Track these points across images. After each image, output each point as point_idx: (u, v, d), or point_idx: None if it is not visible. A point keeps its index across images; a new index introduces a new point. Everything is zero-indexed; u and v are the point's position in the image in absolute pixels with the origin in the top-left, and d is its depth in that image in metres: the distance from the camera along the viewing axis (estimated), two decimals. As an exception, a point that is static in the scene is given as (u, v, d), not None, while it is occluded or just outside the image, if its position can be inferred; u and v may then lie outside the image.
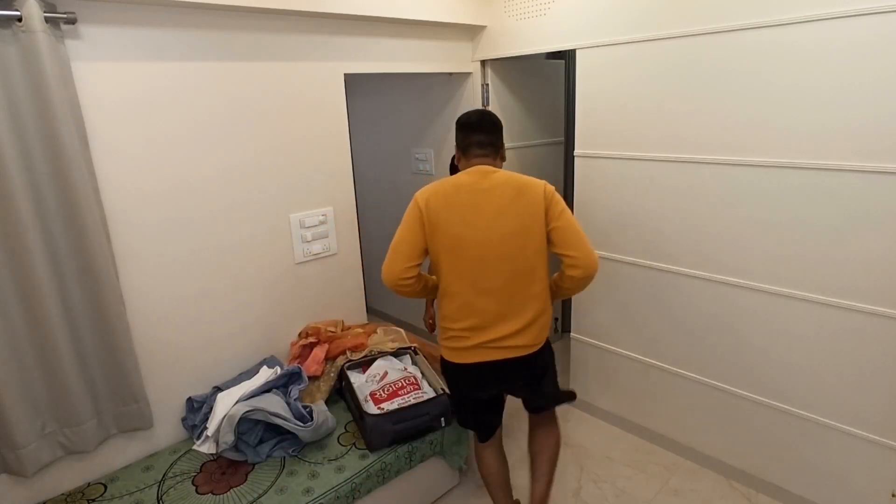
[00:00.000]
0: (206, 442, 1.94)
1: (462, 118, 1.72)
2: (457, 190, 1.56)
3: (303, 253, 2.31)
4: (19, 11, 1.43)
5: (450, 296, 1.60)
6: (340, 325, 2.43)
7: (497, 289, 1.56)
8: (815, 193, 1.76)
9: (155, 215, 1.86)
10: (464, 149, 1.68)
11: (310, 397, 2.13)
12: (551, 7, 2.38)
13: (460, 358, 1.65)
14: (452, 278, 1.58)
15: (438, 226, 1.53)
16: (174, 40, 1.81)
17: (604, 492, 2.22)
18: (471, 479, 2.31)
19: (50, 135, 1.53)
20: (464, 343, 1.61)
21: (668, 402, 2.38)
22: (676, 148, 2.08)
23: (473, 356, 1.62)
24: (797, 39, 1.70)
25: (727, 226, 2.00)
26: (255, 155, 2.09)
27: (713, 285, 2.09)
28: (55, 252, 1.62)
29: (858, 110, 1.62)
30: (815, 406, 1.92)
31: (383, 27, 2.38)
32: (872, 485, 1.84)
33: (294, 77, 2.14)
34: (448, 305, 1.61)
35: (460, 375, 1.71)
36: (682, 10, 1.95)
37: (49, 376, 1.67)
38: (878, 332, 1.72)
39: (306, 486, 1.76)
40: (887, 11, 1.52)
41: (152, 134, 1.81)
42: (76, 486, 1.81)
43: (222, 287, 2.08)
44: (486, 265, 1.55)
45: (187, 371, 2.03)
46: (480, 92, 2.83)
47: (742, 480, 2.20)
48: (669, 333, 2.29)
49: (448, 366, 1.72)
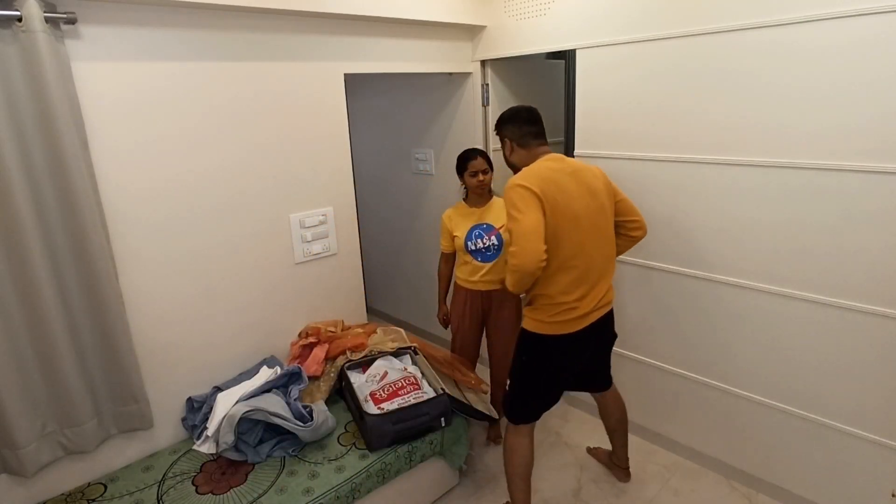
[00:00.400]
0: (206, 442, 1.94)
1: (512, 115, 1.87)
2: (557, 174, 1.72)
3: (303, 253, 2.31)
4: (19, 11, 1.43)
5: (566, 270, 1.72)
6: (340, 325, 2.43)
7: (600, 256, 1.78)
8: (814, 193, 1.76)
9: (155, 215, 1.86)
10: (521, 141, 1.84)
11: (310, 397, 2.13)
12: (551, 7, 2.38)
13: (568, 328, 1.76)
14: (574, 252, 1.71)
15: (557, 207, 1.66)
16: (174, 40, 1.81)
17: (604, 492, 2.22)
18: (471, 479, 2.31)
19: (50, 135, 1.53)
20: (573, 314, 1.74)
21: (668, 403, 2.38)
22: (676, 148, 2.08)
23: (581, 323, 1.77)
24: (797, 39, 1.70)
25: (727, 226, 2.00)
26: (254, 155, 2.09)
27: (712, 285, 2.09)
28: (55, 252, 1.62)
29: (858, 110, 1.62)
30: (815, 406, 1.92)
31: (383, 27, 2.38)
32: (872, 485, 1.84)
33: (294, 77, 2.14)
34: (562, 280, 1.72)
35: (566, 346, 1.80)
36: (682, 10, 1.95)
37: (49, 376, 1.67)
38: (878, 331, 1.72)
39: (306, 486, 1.76)
40: (887, 11, 1.52)
41: (152, 134, 1.81)
42: (76, 486, 1.81)
43: (222, 287, 2.08)
44: (596, 235, 1.76)
45: (187, 371, 2.03)
46: (480, 92, 2.83)
47: (742, 480, 2.20)
48: (668, 333, 2.29)
49: (548, 341, 1.78)
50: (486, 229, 2.34)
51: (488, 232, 2.34)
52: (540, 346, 1.80)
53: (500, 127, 1.91)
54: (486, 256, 2.34)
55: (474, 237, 2.34)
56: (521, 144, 1.84)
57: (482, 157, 2.33)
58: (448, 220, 2.42)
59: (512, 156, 1.88)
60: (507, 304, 2.40)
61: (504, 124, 1.89)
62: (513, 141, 1.86)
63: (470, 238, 2.34)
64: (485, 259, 2.34)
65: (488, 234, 2.33)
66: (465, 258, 2.38)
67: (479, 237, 2.34)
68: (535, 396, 1.89)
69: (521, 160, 1.84)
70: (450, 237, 2.41)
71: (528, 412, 1.89)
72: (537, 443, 2.54)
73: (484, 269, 2.35)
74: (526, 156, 1.83)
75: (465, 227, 2.36)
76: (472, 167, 2.31)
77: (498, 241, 2.33)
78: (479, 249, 2.34)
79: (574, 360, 1.87)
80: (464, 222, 2.37)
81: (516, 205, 1.63)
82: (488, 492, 2.24)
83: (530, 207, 1.62)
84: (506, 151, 1.91)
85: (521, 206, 1.62)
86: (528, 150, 1.84)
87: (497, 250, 2.33)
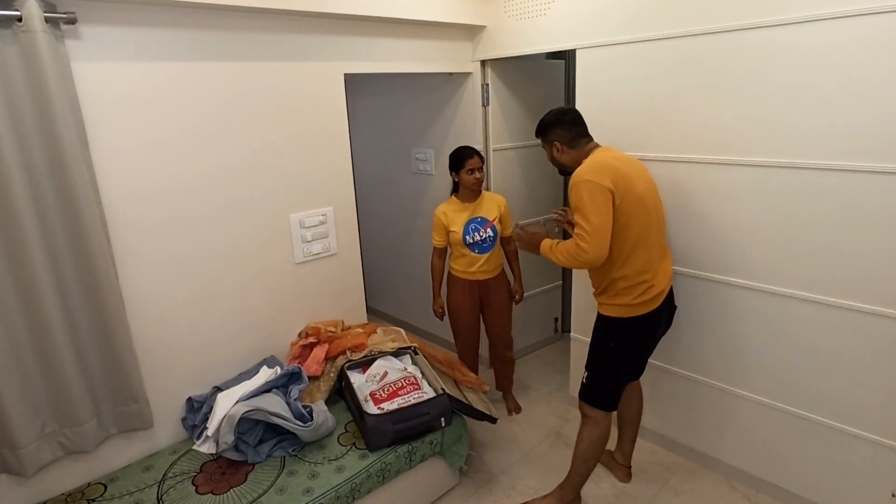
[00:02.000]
0: (206, 442, 1.94)
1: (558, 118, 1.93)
2: (617, 162, 1.80)
3: (303, 253, 2.31)
4: (19, 11, 1.44)
5: (640, 249, 1.81)
6: (340, 325, 2.43)
7: (661, 232, 1.91)
8: (814, 193, 1.76)
9: (155, 215, 1.86)
10: (572, 141, 1.91)
11: (310, 397, 2.13)
12: (551, 7, 2.38)
13: (650, 307, 1.86)
14: (644, 231, 1.81)
15: (627, 195, 1.75)
16: (174, 40, 1.81)
17: (604, 492, 2.22)
18: (471, 479, 2.31)
19: (50, 135, 1.53)
20: (652, 292, 1.84)
21: (668, 403, 2.38)
22: (676, 147, 2.08)
23: (659, 299, 1.88)
24: (797, 39, 1.70)
25: (726, 226, 2.00)
26: (255, 155, 2.09)
27: (711, 284, 2.09)
28: (55, 252, 1.62)
29: (858, 110, 1.62)
30: (815, 406, 1.92)
31: (383, 27, 2.38)
32: (872, 485, 1.84)
33: (294, 77, 2.14)
34: (637, 260, 1.82)
35: (650, 324, 1.90)
36: (682, 9, 1.95)
37: (49, 376, 1.67)
38: (878, 331, 1.72)
39: (306, 486, 1.76)
40: (887, 11, 1.52)
41: (152, 134, 1.81)
42: (76, 486, 1.81)
43: (222, 287, 2.08)
44: (655, 214, 1.87)
45: (187, 371, 2.03)
46: (480, 92, 2.83)
47: (742, 480, 2.20)
48: (667, 333, 2.29)
49: (635, 322, 1.87)
50: (481, 222, 2.48)
51: (483, 225, 2.48)
52: (625, 329, 1.89)
53: (547, 131, 1.95)
54: (482, 248, 2.49)
55: (471, 231, 2.47)
56: (571, 146, 1.91)
57: (478, 155, 2.45)
58: (442, 215, 2.52)
59: (562, 156, 1.94)
60: (500, 290, 2.61)
61: (551, 128, 1.94)
62: (563, 143, 1.91)
63: (467, 232, 2.47)
64: (482, 251, 2.50)
65: (484, 227, 2.48)
66: (462, 251, 2.51)
67: (476, 230, 2.47)
68: (622, 380, 1.99)
69: (571, 160, 1.91)
70: (444, 232, 2.52)
71: (616, 396, 1.98)
72: (537, 442, 2.55)
73: (481, 261, 2.50)
74: (577, 155, 1.90)
75: (460, 221, 2.48)
76: (469, 165, 2.42)
77: (493, 233, 2.49)
78: (477, 242, 2.48)
79: (655, 336, 1.99)
80: (459, 217, 2.49)
81: (587, 200, 1.71)
82: (488, 492, 2.24)
83: (602, 203, 1.71)
84: (553, 153, 1.96)
85: (592, 202, 1.71)
86: (578, 149, 1.91)
87: (492, 242, 2.49)
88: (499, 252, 2.56)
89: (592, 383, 1.97)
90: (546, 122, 1.96)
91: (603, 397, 1.96)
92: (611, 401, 1.96)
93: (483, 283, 2.56)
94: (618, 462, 2.31)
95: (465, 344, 2.70)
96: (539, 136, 2.00)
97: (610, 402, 1.96)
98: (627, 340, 1.92)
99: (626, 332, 1.90)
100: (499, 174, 2.95)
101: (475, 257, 2.50)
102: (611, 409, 1.97)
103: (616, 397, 1.98)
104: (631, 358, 1.97)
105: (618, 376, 1.97)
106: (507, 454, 2.47)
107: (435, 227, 2.55)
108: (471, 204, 2.50)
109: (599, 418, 1.96)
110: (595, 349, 1.96)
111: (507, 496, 2.21)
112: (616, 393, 1.98)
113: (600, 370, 1.95)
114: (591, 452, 1.99)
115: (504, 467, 2.38)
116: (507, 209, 2.55)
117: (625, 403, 2.21)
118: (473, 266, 2.51)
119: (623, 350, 1.93)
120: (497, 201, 2.53)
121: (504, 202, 2.55)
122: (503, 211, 2.52)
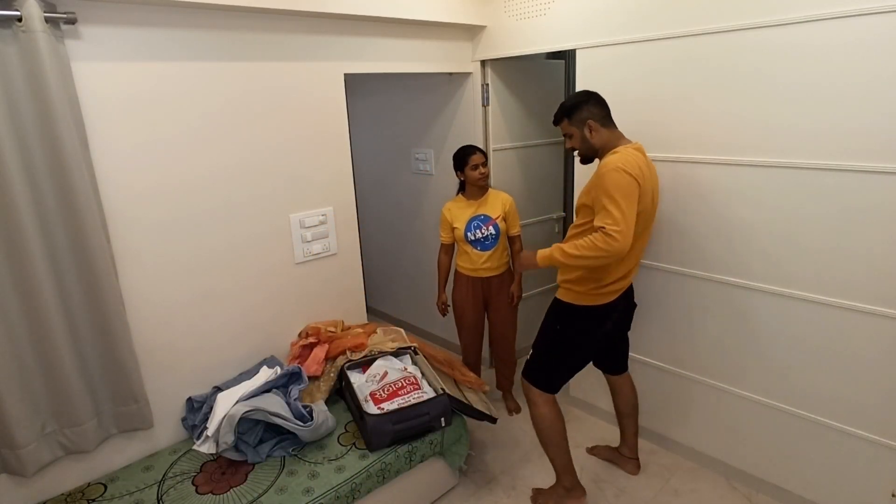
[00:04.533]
0: (206, 442, 1.94)
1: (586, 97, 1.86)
2: (643, 160, 1.80)
3: (303, 253, 2.31)
4: (19, 11, 1.43)
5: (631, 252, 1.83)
6: (340, 325, 2.43)
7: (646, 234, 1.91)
8: (813, 193, 1.76)
9: (155, 215, 1.86)
10: (605, 119, 1.86)
11: (310, 397, 2.13)
12: (551, 7, 2.38)
13: (603, 299, 1.90)
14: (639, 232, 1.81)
15: (646, 189, 1.77)
16: (174, 40, 1.81)
17: (604, 492, 2.22)
18: (471, 479, 2.31)
19: (50, 135, 1.53)
20: (612, 287, 1.88)
21: (668, 402, 2.38)
22: (676, 147, 2.08)
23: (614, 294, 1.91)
24: (798, 39, 1.70)
25: (726, 225, 2.00)
26: (254, 155, 2.09)
27: (711, 285, 2.09)
28: (55, 252, 1.62)
29: (859, 110, 1.62)
30: (815, 406, 1.92)
31: (383, 27, 2.38)
32: (872, 485, 1.84)
33: (294, 77, 2.14)
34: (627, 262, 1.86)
35: (597, 314, 1.92)
36: (682, 9, 1.95)
37: (49, 376, 1.67)
38: (878, 331, 1.72)
39: (306, 485, 1.76)
40: (887, 11, 1.52)
41: (152, 134, 1.81)
42: (76, 486, 1.81)
43: (222, 287, 2.08)
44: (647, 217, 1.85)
45: (187, 371, 2.03)
46: (480, 92, 2.83)
47: (742, 480, 2.20)
48: (668, 333, 2.29)
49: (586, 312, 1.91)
50: (484, 220, 2.50)
51: (486, 222, 2.50)
52: (573, 315, 1.93)
53: (574, 111, 1.84)
54: (484, 245, 2.51)
55: (473, 228, 2.50)
56: (604, 125, 1.84)
57: (481, 151, 2.49)
58: (448, 212, 2.56)
59: (594, 137, 1.83)
60: (504, 289, 2.62)
61: (580, 107, 1.83)
62: (596, 121, 1.82)
63: (469, 229, 2.50)
64: (483, 248, 2.52)
65: (486, 225, 2.50)
66: (465, 248, 2.55)
67: (478, 228, 2.50)
68: (564, 367, 2.00)
69: (604, 141, 1.83)
70: (449, 229, 2.56)
71: (556, 382, 1.99)
72: (536, 442, 2.53)
73: (484, 258, 2.53)
74: (609, 136, 1.84)
75: (463, 218, 2.51)
76: (473, 161, 2.46)
77: (495, 231, 2.50)
78: (479, 239, 2.50)
79: (603, 328, 1.97)
80: (462, 214, 2.52)
81: (619, 190, 1.67)
82: (488, 492, 2.24)
83: (631, 195, 1.69)
84: (585, 133, 1.84)
85: (622, 193, 1.67)
86: (610, 131, 1.85)
87: (495, 240, 2.51)
88: (503, 250, 2.56)
89: (534, 362, 2.02)
90: (575, 102, 1.85)
91: (542, 378, 1.99)
92: (550, 383, 1.99)
93: (487, 281, 2.58)
94: (625, 456, 2.33)
95: (468, 341, 2.71)
96: (564, 119, 1.87)
97: (549, 385, 1.99)
98: (574, 325, 1.94)
99: (574, 318, 1.94)
100: (499, 174, 2.95)
101: (478, 254, 2.52)
102: (549, 392, 1.99)
103: (556, 383, 2.00)
104: (577, 345, 1.97)
105: (560, 361, 1.99)
106: (507, 454, 2.47)
107: (441, 224, 2.60)
108: (475, 202, 2.52)
109: (536, 398, 2.00)
110: (543, 330, 2.01)
111: (507, 496, 2.21)
112: (556, 378, 1.99)
113: (543, 351, 2.00)
114: (542, 436, 2.02)
115: (504, 467, 2.38)
116: (512, 208, 2.55)
117: (617, 398, 2.26)
118: (477, 263, 2.54)
119: (568, 336, 1.96)
120: (502, 199, 2.54)
121: (510, 201, 2.55)
122: (508, 209, 2.52)
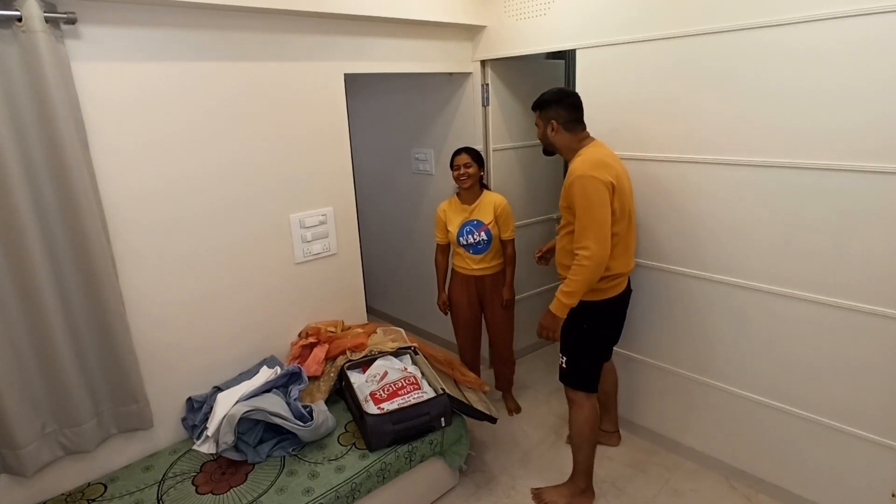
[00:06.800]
0: (206, 442, 1.94)
1: (560, 97, 1.91)
2: (611, 158, 1.87)
3: (303, 253, 2.31)
4: (19, 11, 1.44)
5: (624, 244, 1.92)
6: (340, 325, 2.43)
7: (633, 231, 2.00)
8: (813, 193, 1.76)
9: (155, 215, 1.86)
10: (567, 125, 1.91)
11: (310, 397, 2.13)
12: (551, 7, 2.38)
13: (617, 290, 1.97)
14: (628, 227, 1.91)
15: (621, 190, 1.82)
16: (174, 40, 1.81)
17: (604, 492, 2.22)
18: (471, 479, 2.31)
19: (50, 135, 1.53)
20: (619, 278, 1.95)
21: (669, 403, 2.38)
22: (676, 147, 2.08)
23: (624, 283, 1.99)
24: (797, 39, 1.70)
25: (725, 226, 2.00)
26: (254, 155, 2.09)
27: (711, 284, 2.09)
28: (55, 252, 1.62)
29: (858, 110, 1.62)
30: (815, 406, 1.92)
31: (383, 27, 2.38)
32: (872, 485, 1.84)
33: (294, 77, 2.14)
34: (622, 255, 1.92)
35: (617, 305, 2.01)
36: (681, 10, 1.95)
37: (49, 376, 1.67)
38: (878, 331, 1.72)
39: (306, 485, 1.76)
40: (887, 11, 1.52)
41: (152, 134, 1.81)
42: (76, 486, 1.81)
43: (222, 287, 2.08)
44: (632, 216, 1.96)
45: (187, 371, 2.03)
46: (480, 92, 2.83)
47: (742, 480, 2.20)
48: (668, 333, 2.29)
49: (606, 305, 1.97)
50: (476, 225, 2.50)
51: (478, 228, 2.50)
52: (598, 311, 1.97)
53: (545, 106, 1.93)
54: (476, 249, 2.53)
55: (465, 233, 2.51)
56: (567, 128, 1.91)
57: (467, 153, 2.47)
58: (442, 213, 2.59)
59: (555, 136, 1.93)
60: (498, 288, 2.61)
61: (550, 105, 1.91)
62: (559, 123, 1.90)
63: (461, 234, 2.51)
64: (476, 252, 2.53)
65: (478, 231, 2.50)
66: (458, 249, 2.57)
67: (470, 233, 2.50)
68: (599, 360, 2.05)
69: (564, 143, 1.93)
70: (444, 229, 2.58)
71: (595, 377, 2.03)
72: (537, 442, 2.55)
73: (476, 259, 2.54)
74: (570, 139, 1.91)
75: (456, 222, 2.53)
76: (456, 161, 2.46)
77: (487, 237, 2.50)
78: (471, 244, 2.52)
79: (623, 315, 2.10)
80: (456, 217, 2.54)
81: (587, 199, 1.75)
82: (488, 492, 2.24)
83: (600, 200, 1.74)
84: (547, 131, 1.94)
85: (590, 202, 1.74)
86: (573, 135, 1.91)
87: (486, 245, 2.51)
88: (497, 252, 2.55)
89: (571, 366, 2.02)
90: (547, 98, 1.93)
91: (583, 378, 2.01)
92: (590, 381, 2.02)
93: (481, 280, 2.58)
94: (608, 431, 2.44)
95: (464, 339, 2.71)
96: (536, 110, 1.98)
97: (590, 383, 2.02)
98: (602, 319, 1.99)
99: (600, 313, 1.97)
100: (499, 174, 2.95)
101: (472, 256, 2.54)
102: (592, 390, 2.02)
103: (595, 378, 2.03)
104: (605, 337, 2.06)
105: (595, 357, 2.03)
106: (507, 454, 2.47)
107: (436, 224, 2.62)
108: (469, 206, 2.51)
109: (582, 400, 2.02)
110: (570, 333, 2.00)
111: (507, 496, 2.21)
112: (594, 373, 2.03)
113: (577, 352, 2.01)
114: (582, 437, 2.03)
115: (504, 467, 2.38)
116: (504, 210, 2.49)
117: (604, 380, 2.31)
118: (471, 262, 2.55)
119: (597, 330, 2.00)
120: (494, 203, 2.48)
121: (501, 203, 2.49)
122: (499, 212, 2.47)
